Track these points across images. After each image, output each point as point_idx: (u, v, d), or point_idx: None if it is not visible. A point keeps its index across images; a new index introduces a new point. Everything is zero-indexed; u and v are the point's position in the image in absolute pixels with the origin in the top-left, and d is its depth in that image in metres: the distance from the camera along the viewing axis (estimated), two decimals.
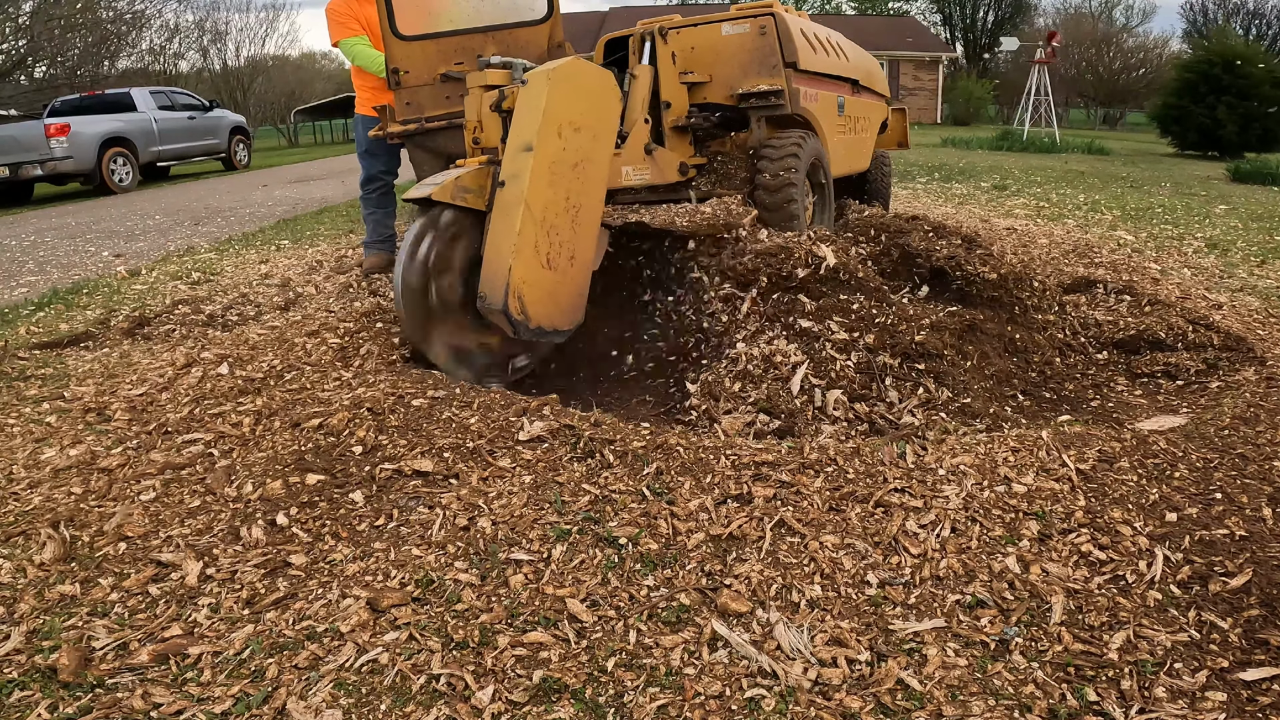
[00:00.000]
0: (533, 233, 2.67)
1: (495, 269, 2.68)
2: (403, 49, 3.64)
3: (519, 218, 2.63)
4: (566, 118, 2.72)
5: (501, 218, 2.70)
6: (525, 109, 2.71)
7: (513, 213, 2.65)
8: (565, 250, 2.79)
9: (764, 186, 3.52)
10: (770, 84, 3.62)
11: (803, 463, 2.16)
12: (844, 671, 1.53)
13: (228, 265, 5.51)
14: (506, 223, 2.67)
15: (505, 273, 2.64)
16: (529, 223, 2.65)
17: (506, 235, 2.66)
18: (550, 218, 2.72)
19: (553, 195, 2.71)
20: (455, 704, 1.47)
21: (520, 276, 2.65)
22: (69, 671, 1.55)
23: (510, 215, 2.66)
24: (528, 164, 2.65)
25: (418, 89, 3.67)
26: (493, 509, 2.03)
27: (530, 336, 2.76)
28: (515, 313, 2.66)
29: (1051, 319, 3.49)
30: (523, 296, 2.67)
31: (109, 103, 13.23)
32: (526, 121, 2.69)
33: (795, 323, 2.96)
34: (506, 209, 2.68)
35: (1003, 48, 34.93)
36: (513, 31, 3.64)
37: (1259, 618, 1.63)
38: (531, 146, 2.65)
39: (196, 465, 2.32)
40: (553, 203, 2.72)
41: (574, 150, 2.77)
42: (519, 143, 2.69)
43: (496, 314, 2.69)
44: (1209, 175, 11.81)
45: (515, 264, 2.63)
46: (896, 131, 5.95)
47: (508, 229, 2.66)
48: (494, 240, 2.71)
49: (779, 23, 3.64)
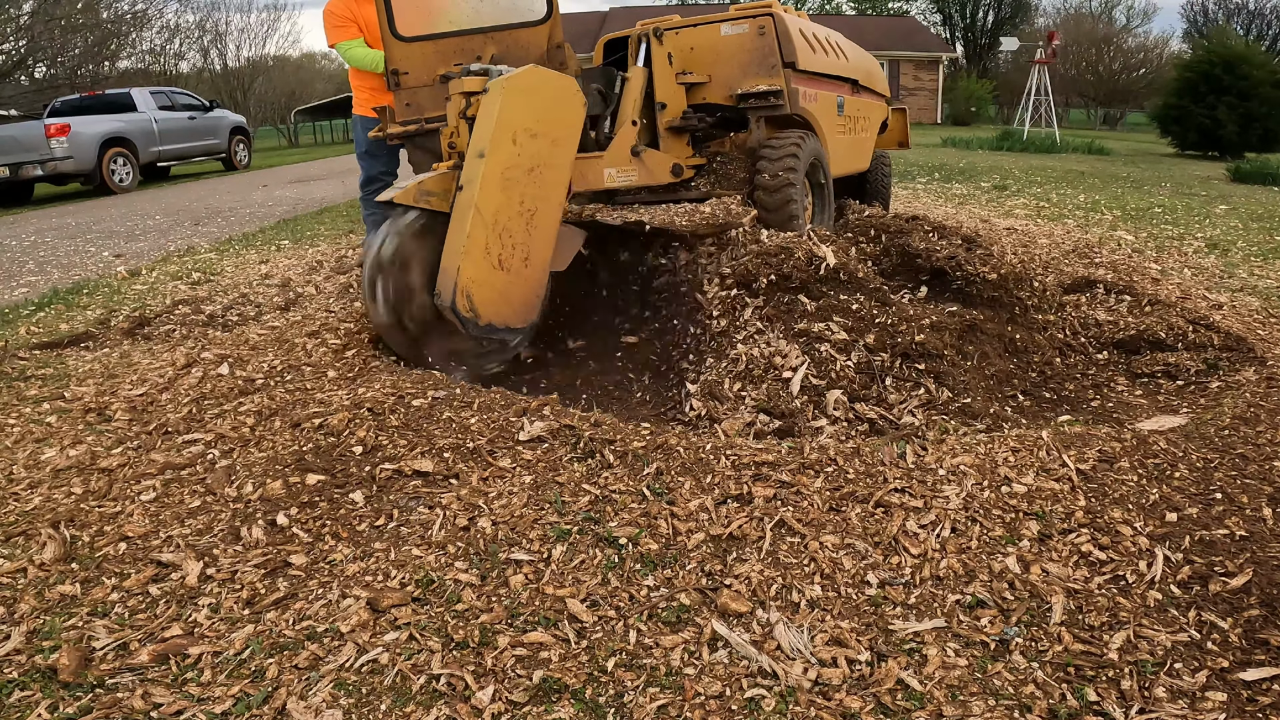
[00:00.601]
0: (483, 235, 2.79)
1: (446, 268, 2.81)
2: (402, 50, 3.64)
3: (469, 220, 2.76)
4: (521, 124, 2.83)
5: (455, 220, 2.82)
6: (483, 116, 2.84)
7: (464, 216, 2.77)
8: (519, 252, 2.90)
9: (763, 187, 3.52)
10: (769, 84, 3.62)
11: (803, 463, 2.16)
12: (844, 671, 1.53)
13: (228, 265, 5.52)
14: (458, 225, 2.80)
15: (454, 272, 2.76)
16: (479, 225, 2.77)
17: (457, 237, 2.79)
18: (503, 220, 2.83)
19: (505, 199, 2.82)
20: (455, 704, 1.47)
21: (469, 276, 2.77)
22: (69, 671, 1.55)
23: (462, 218, 2.78)
24: (479, 170, 2.77)
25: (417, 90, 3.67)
26: (493, 509, 2.03)
27: (480, 334, 2.88)
28: (464, 310, 2.78)
29: (1052, 319, 3.49)
30: (472, 295, 2.79)
31: (109, 103, 13.23)
32: (482, 129, 2.82)
33: (795, 323, 2.96)
34: (460, 212, 2.81)
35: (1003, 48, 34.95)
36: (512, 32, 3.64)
37: (1259, 618, 1.63)
38: (484, 153, 2.78)
39: (197, 465, 2.33)
40: (505, 206, 2.83)
41: (529, 156, 2.87)
42: (474, 149, 2.82)
43: (447, 311, 2.83)
44: (1209, 175, 11.82)
45: (464, 264, 2.76)
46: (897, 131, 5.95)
47: (459, 231, 2.79)
48: (448, 241, 2.83)
49: (778, 23, 3.64)
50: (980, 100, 31.02)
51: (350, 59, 4.49)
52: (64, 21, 19.62)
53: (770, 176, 3.50)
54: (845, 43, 4.76)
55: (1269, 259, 5.16)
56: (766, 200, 3.50)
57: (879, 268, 3.57)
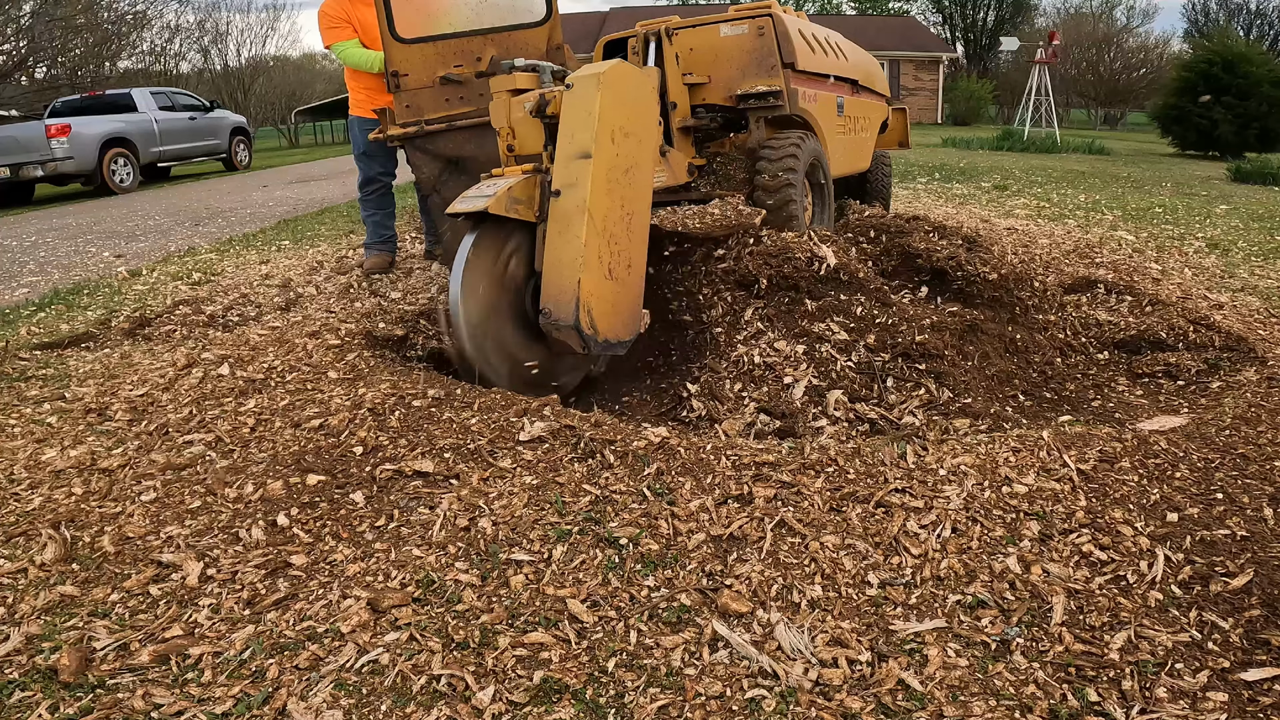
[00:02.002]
0: (596, 243, 2.58)
1: (561, 283, 2.57)
2: (402, 51, 3.63)
3: (583, 227, 2.53)
4: (617, 123, 2.66)
5: (562, 229, 2.59)
6: (575, 114, 2.63)
7: (575, 223, 2.56)
8: (624, 258, 2.71)
9: (763, 187, 3.52)
10: (769, 85, 3.61)
11: (803, 463, 2.16)
12: (845, 672, 1.53)
13: (228, 266, 5.52)
14: (569, 234, 2.57)
15: (574, 286, 2.53)
16: (593, 233, 2.56)
17: (570, 246, 2.56)
18: (609, 226, 2.64)
19: (610, 203, 2.64)
20: (456, 704, 1.47)
21: (588, 289, 2.55)
22: (70, 672, 1.55)
23: (573, 225, 2.56)
24: (586, 171, 2.56)
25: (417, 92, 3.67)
26: (493, 509, 2.03)
27: (600, 351, 2.66)
28: (586, 327, 2.56)
29: (1052, 319, 3.49)
30: (591, 310, 2.57)
31: (110, 103, 13.24)
32: (579, 127, 2.61)
33: (796, 323, 2.96)
34: (566, 219, 2.58)
35: (1003, 48, 34.91)
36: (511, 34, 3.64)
37: (1260, 618, 1.63)
38: (589, 154, 2.57)
39: (197, 466, 2.33)
40: (611, 211, 2.64)
41: (625, 156, 2.69)
42: (573, 150, 2.60)
43: (566, 330, 2.57)
44: (1209, 175, 11.81)
45: (584, 276, 2.53)
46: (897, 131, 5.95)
47: (572, 240, 2.56)
48: (555, 253, 2.60)
49: (777, 24, 3.64)
50: (980, 100, 31.01)
51: (346, 59, 4.48)
52: (64, 22, 19.62)
53: (770, 177, 3.50)
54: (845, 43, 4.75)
55: (1270, 259, 5.16)
56: (766, 200, 3.49)
57: (880, 268, 3.57)
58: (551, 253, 2.61)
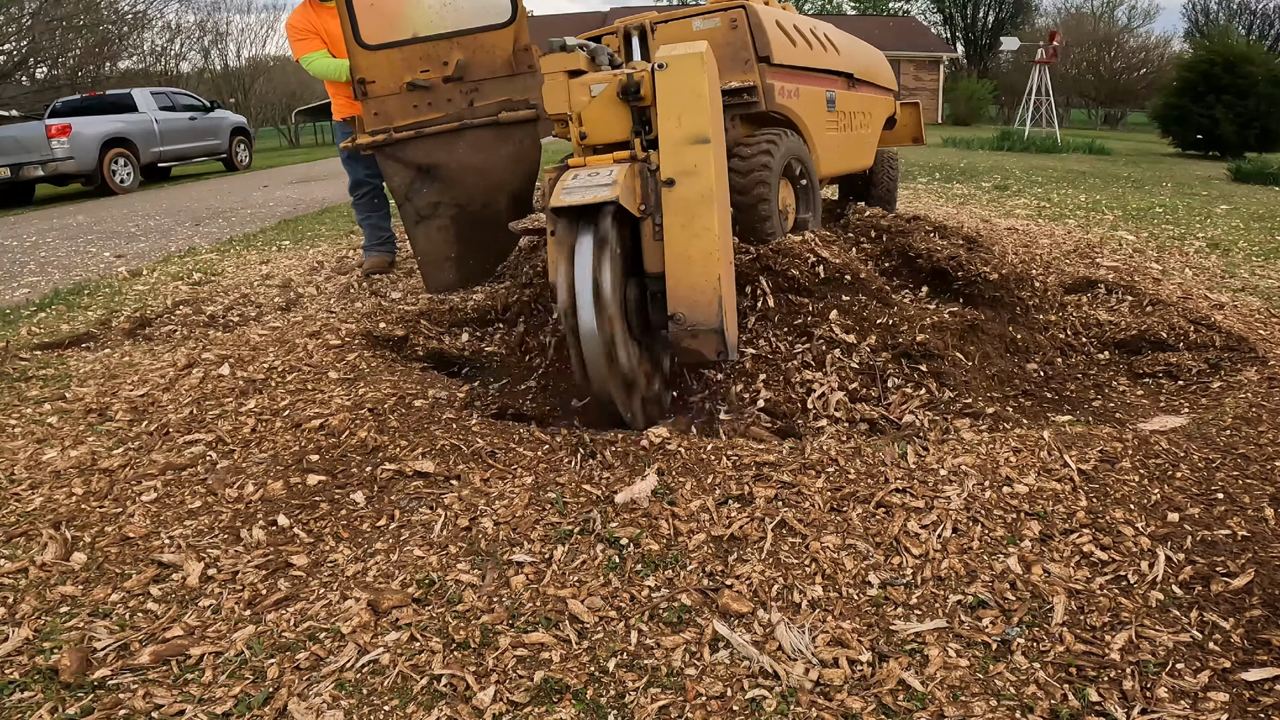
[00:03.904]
0: (725, 236, 2.33)
1: (694, 281, 2.32)
2: (368, 59, 3.53)
3: (714, 218, 2.29)
4: (715, 106, 2.42)
5: (686, 220, 2.33)
6: (679, 95, 2.35)
7: (703, 213, 2.31)
8: (729, 254, 2.47)
9: (734, 188, 3.23)
10: (741, 81, 3.40)
11: (804, 463, 2.16)
12: (845, 672, 1.53)
13: (229, 266, 5.52)
14: (697, 225, 2.32)
15: (714, 284, 2.28)
16: (723, 224, 2.31)
17: (702, 240, 2.30)
18: (725, 219, 2.41)
19: (723, 194, 2.41)
20: (456, 704, 1.47)
21: (725, 287, 2.29)
22: (70, 672, 1.55)
23: (700, 216, 2.32)
24: (708, 157, 2.31)
25: (385, 99, 3.58)
26: (494, 510, 2.03)
27: (729, 358, 2.39)
28: (727, 329, 2.28)
29: (1053, 319, 3.48)
30: (726, 314, 2.31)
31: (110, 103, 13.24)
32: (688, 109, 2.34)
33: (796, 323, 2.96)
34: (690, 210, 2.33)
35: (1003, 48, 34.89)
36: (477, 36, 3.55)
37: (1261, 618, 1.63)
38: (708, 138, 2.31)
39: (198, 466, 2.33)
40: (724, 202, 2.41)
41: (720, 143, 2.47)
42: (684, 134, 2.34)
43: (706, 335, 2.31)
44: (1210, 175, 11.81)
45: (722, 272, 2.28)
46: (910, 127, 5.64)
47: (702, 232, 2.30)
48: (680, 248, 2.33)
49: (750, 15, 3.43)
50: (981, 100, 31.01)
51: (315, 70, 4.42)
52: (65, 22, 19.63)
53: (741, 177, 3.29)
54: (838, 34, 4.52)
55: (1270, 259, 5.15)
56: (738, 201, 3.26)
57: (880, 268, 3.57)
58: (676, 248, 2.34)
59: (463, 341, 3.34)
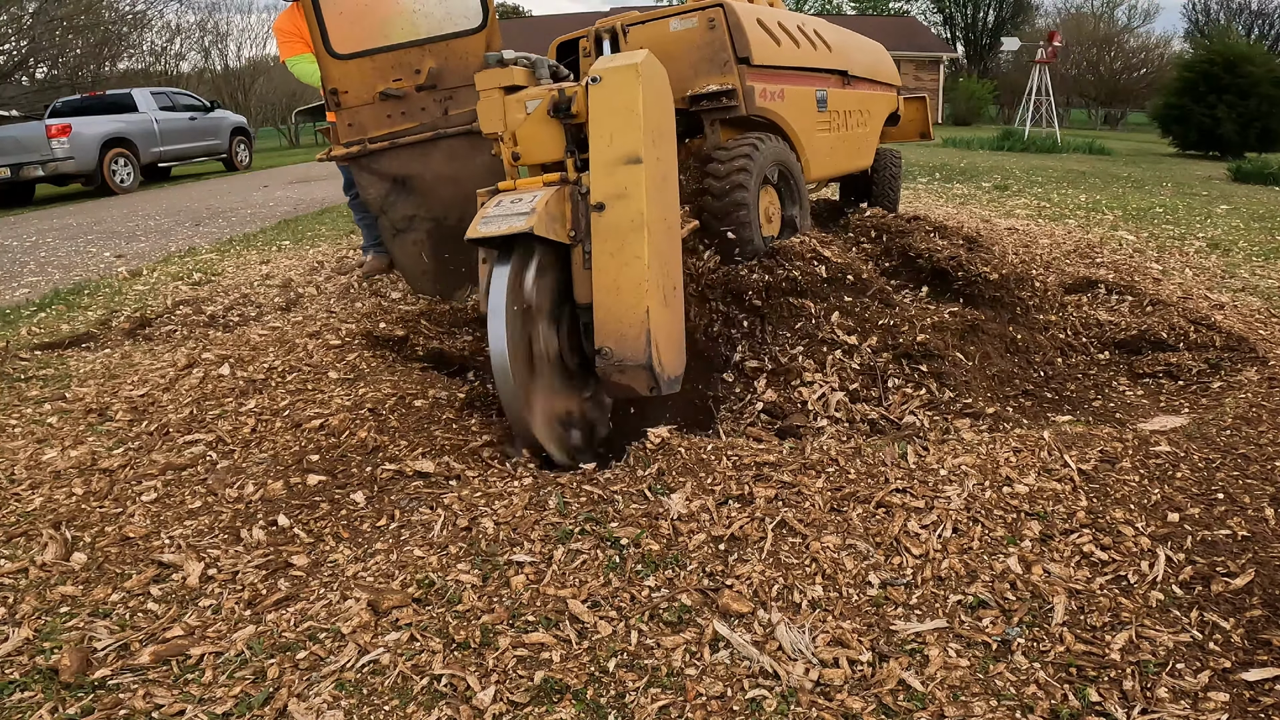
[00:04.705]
0: (656, 264, 2.19)
1: (621, 314, 2.17)
2: (339, 68, 3.46)
3: (644, 245, 2.15)
4: (655, 123, 2.28)
5: (615, 248, 2.19)
6: (612, 112, 2.23)
7: (632, 241, 2.17)
8: (671, 280, 2.33)
9: (711, 193, 3.17)
10: (720, 83, 3.26)
11: (804, 463, 2.16)
12: (845, 672, 1.53)
13: (229, 266, 5.52)
14: (626, 253, 2.17)
15: (642, 316, 2.14)
16: (654, 252, 2.17)
17: (631, 269, 2.16)
18: (660, 243, 2.25)
19: (657, 216, 2.25)
20: (457, 704, 1.47)
21: (655, 319, 2.16)
22: (70, 672, 1.55)
23: (629, 244, 2.17)
24: (639, 179, 2.17)
25: (358, 109, 3.49)
26: (494, 510, 2.03)
27: (665, 391, 2.25)
28: (657, 365, 2.16)
29: (1053, 319, 3.48)
30: (658, 344, 2.18)
31: (110, 103, 13.24)
32: (620, 127, 2.21)
33: (797, 324, 2.96)
34: (620, 237, 2.19)
35: (1004, 48, 34.90)
36: (450, 43, 3.46)
37: (1261, 618, 1.63)
38: (640, 158, 2.18)
39: (198, 466, 2.33)
40: (658, 224, 2.26)
41: (664, 160, 2.33)
42: (616, 154, 2.21)
43: (634, 370, 2.17)
44: (1210, 175, 11.81)
45: (651, 304, 2.15)
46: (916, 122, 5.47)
47: (630, 260, 2.16)
48: (609, 278, 2.19)
49: (729, 14, 3.27)
50: (981, 100, 31.01)
51: (298, 74, 4.35)
52: (65, 22, 19.64)
53: (717, 181, 3.16)
54: (830, 30, 4.32)
55: (1270, 259, 5.15)
56: (715, 208, 3.16)
57: (880, 268, 3.57)
58: (604, 278, 2.20)
59: (463, 341, 3.34)
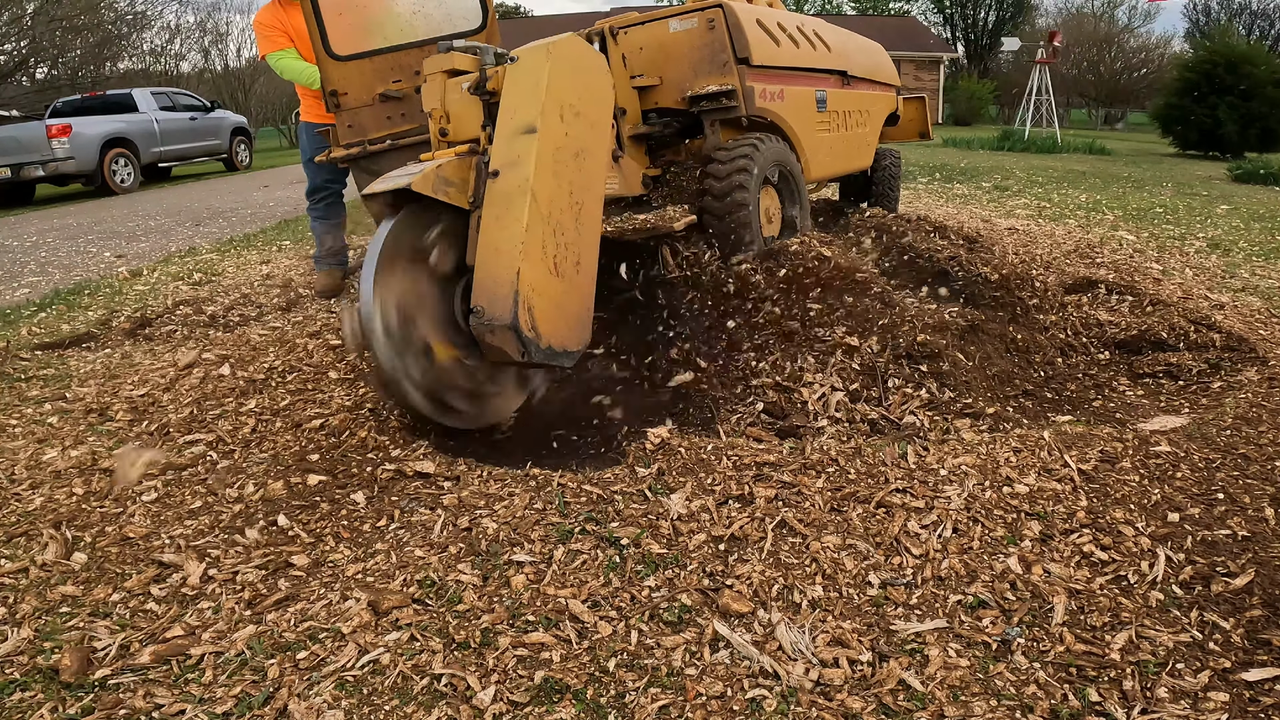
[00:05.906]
0: (540, 229, 2.24)
1: (496, 274, 2.20)
2: (339, 70, 3.45)
3: (525, 209, 2.20)
4: (567, 99, 2.37)
5: (500, 212, 2.26)
6: (520, 87, 2.35)
7: (515, 204, 2.23)
8: (571, 253, 2.37)
9: (712, 193, 3.17)
10: (720, 84, 3.26)
11: (804, 463, 2.16)
12: (845, 672, 1.53)
13: (229, 266, 5.52)
14: (508, 217, 2.23)
15: (512, 277, 2.17)
16: (536, 217, 2.22)
17: (509, 232, 2.21)
18: (555, 214, 2.30)
19: (557, 188, 2.32)
20: (457, 704, 1.47)
21: (529, 282, 2.19)
22: (71, 672, 1.55)
23: (512, 207, 2.23)
24: (530, 147, 2.25)
25: (358, 110, 3.48)
26: (494, 509, 2.03)
27: (541, 359, 2.24)
28: (526, 328, 2.17)
29: (1053, 319, 3.48)
30: (533, 308, 2.19)
31: (110, 103, 13.24)
32: (523, 101, 2.32)
33: (797, 324, 2.96)
34: (506, 200, 2.25)
35: (1004, 48, 34.87)
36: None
37: (1261, 618, 1.63)
38: (535, 128, 2.26)
39: (198, 466, 2.33)
40: (558, 196, 2.32)
41: (575, 137, 2.40)
42: (516, 125, 2.31)
43: (501, 331, 2.17)
44: (1210, 175, 11.81)
45: (524, 266, 2.17)
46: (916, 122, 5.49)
47: (511, 224, 2.21)
48: (491, 240, 2.25)
49: (728, 14, 3.27)
50: (981, 100, 31.00)
51: (281, 72, 4.25)
52: (65, 22, 19.64)
53: (717, 181, 3.16)
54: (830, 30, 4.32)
55: (1270, 259, 5.15)
56: (715, 208, 3.16)
57: (881, 268, 3.57)
58: (487, 240, 2.26)
59: None
